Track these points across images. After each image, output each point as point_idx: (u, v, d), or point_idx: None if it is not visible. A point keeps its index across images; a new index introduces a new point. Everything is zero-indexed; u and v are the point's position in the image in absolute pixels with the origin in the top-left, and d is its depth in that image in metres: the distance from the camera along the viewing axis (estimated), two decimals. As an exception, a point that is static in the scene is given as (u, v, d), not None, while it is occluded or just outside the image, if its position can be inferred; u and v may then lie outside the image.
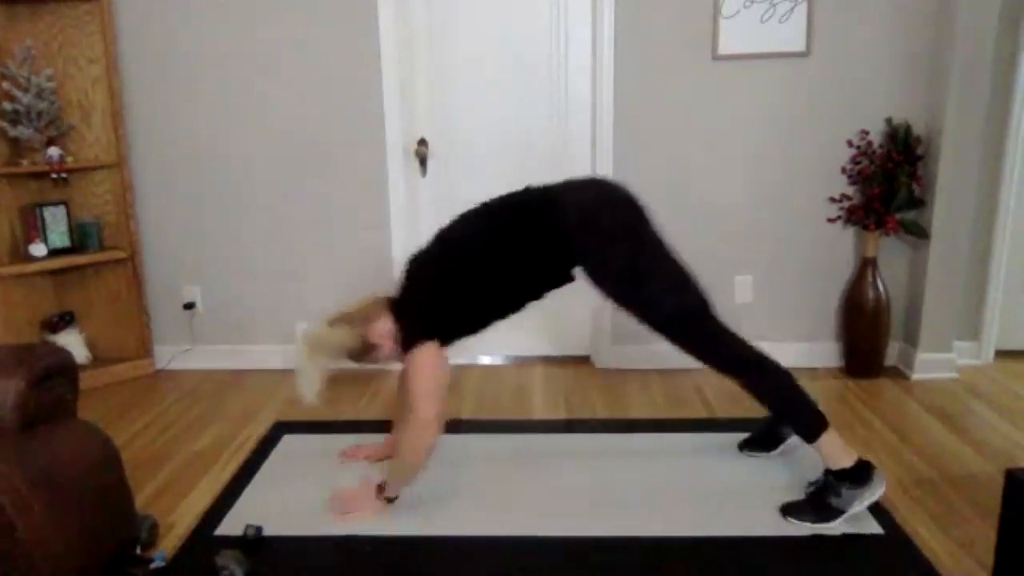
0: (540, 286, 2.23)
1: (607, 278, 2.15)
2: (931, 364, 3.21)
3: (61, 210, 3.28)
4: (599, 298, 3.38)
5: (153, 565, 1.96)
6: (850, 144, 3.19)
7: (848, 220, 3.24)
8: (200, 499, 2.36)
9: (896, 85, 3.13)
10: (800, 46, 3.10)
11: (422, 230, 3.45)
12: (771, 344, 3.14)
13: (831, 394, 3.07)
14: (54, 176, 3.28)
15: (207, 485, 2.45)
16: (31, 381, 1.78)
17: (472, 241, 2.17)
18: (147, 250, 3.47)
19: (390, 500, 2.21)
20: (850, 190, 3.23)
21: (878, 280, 3.17)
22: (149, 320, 3.51)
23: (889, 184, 3.08)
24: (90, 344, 3.47)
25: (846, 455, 2.11)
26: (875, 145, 3.16)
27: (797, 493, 2.23)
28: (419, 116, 3.34)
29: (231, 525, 2.19)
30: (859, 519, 2.11)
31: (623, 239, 2.12)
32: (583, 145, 3.32)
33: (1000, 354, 3.38)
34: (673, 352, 3.38)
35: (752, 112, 3.19)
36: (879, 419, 2.83)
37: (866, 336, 3.20)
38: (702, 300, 2.14)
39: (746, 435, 2.58)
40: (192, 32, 3.25)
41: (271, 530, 2.14)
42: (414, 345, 2.12)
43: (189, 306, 3.50)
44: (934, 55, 3.08)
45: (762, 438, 2.53)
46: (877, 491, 2.10)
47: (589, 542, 2.06)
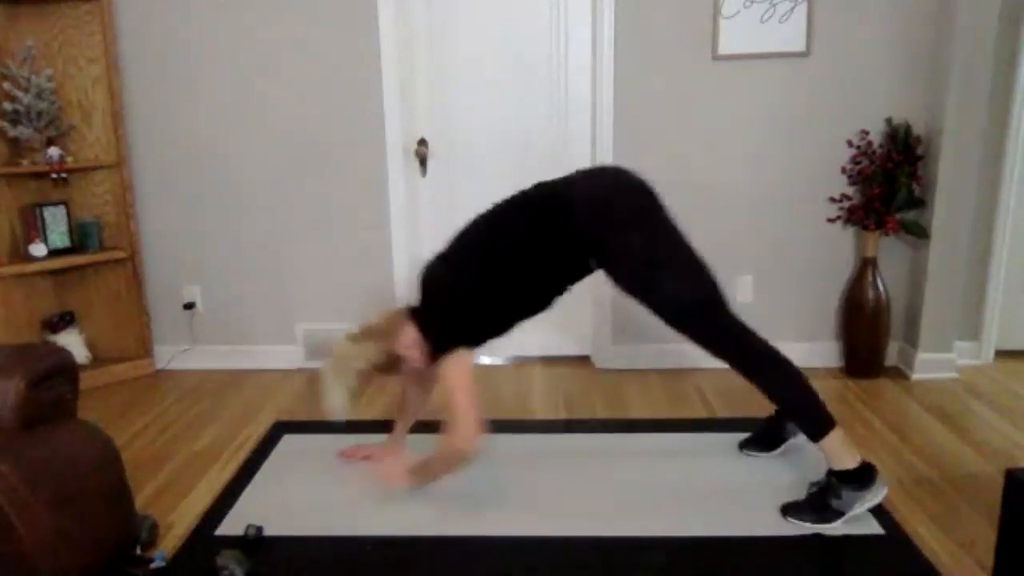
0: (561, 281, 2.20)
1: (621, 267, 2.12)
2: (931, 364, 3.21)
3: (61, 210, 3.28)
4: (599, 298, 3.38)
5: (153, 565, 1.96)
6: (850, 144, 3.19)
7: (848, 220, 3.24)
8: (200, 499, 2.36)
9: (896, 85, 3.13)
10: (800, 46, 3.10)
11: (422, 230, 3.45)
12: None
13: (831, 394, 3.06)
14: (54, 176, 3.28)
15: (207, 485, 2.45)
16: (31, 381, 1.78)
17: (490, 242, 2.15)
18: (147, 250, 3.47)
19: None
20: (850, 190, 3.23)
21: (878, 280, 3.17)
22: (149, 320, 3.51)
23: (889, 184, 3.08)
24: (90, 344, 3.47)
25: (849, 456, 2.10)
26: (875, 145, 3.16)
27: (797, 493, 2.23)
28: (419, 116, 3.34)
29: (231, 525, 2.19)
30: (859, 519, 2.11)
31: (636, 227, 2.09)
32: (583, 145, 3.32)
33: (1000, 354, 3.39)
34: (673, 352, 3.42)
35: (752, 112, 3.19)
36: (879, 419, 2.83)
37: (866, 336, 3.20)
38: (717, 292, 2.12)
39: (746, 435, 2.58)
40: (192, 32, 3.25)
41: (271, 530, 2.15)
42: (445, 353, 2.11)
43: (189, 306, 3.50)
44: (934, 55, 3.08)
45: (763, 438, 2.53)
46: (879, 494, 2.10)
47: (589, 542, 2.06)
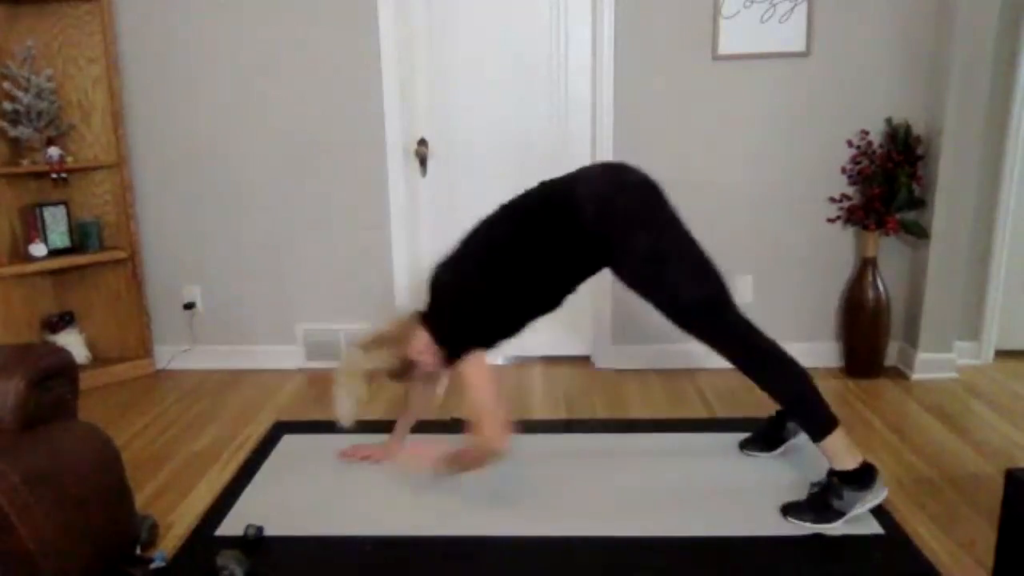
0: (570, 280, 2.19)
1: (628, 265, 2.12)
2: (931, 364, 3.21)
3: (61, 210, 3.28)
4: (599, 298, 3.38)
5: (153, 565, 1.96)
6: (850, 144, 3.19)
7: (848, 220, 3.23)
8: (200, 499, 2.36)
9: (896, 85, 3.13)
10: (800, 46, 3.10)
11: (422, 230, 3.45)
12: (771, 344, 3.13)
13: (831, 394, 3.06)
14: (54, 176, 3.28)
15: (207, 485, 2.45)
16: (31, 381, 1.78)
17: (498, 244, 2.14)
18: (147, 250, 3.47)
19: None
20: (850, 190, 3.23)
21: (878, 280, 3.17)
22: (149, 320, 3.51)
23: (889, 184, 3.08)
24: (90, 344, 3.47)
25: (850, 457, 2.10)
26: (875, 145, 3.16)
27: (798, 493, 2.23)
28: (419, 116, 3.34)
29: (231, 525, 2.19)
30: (859, 519, 2.11)
31: (642, 226, 2.08)
32: (583, 145, 3.32)
33: (1000, 354, 3.38)
34: (673, 352, 3.42)
35: (752, 112, 3.19)
36: (879, 419, 2.83)
37: (866, 336, 3.20)
38: (724, 289, 2.12)
39: (746, 435, 2.58)
40: (192, 32, 3.25)
41: (271, 530, 2.15)
42: (460, 356, 2.11)
43: (189, 306, 3.50)
44: (934, 55, 3.08)
45: (763, 438, 2.53)
46: (879, 495, 2.10)
47: (589, 542, 2.06)
